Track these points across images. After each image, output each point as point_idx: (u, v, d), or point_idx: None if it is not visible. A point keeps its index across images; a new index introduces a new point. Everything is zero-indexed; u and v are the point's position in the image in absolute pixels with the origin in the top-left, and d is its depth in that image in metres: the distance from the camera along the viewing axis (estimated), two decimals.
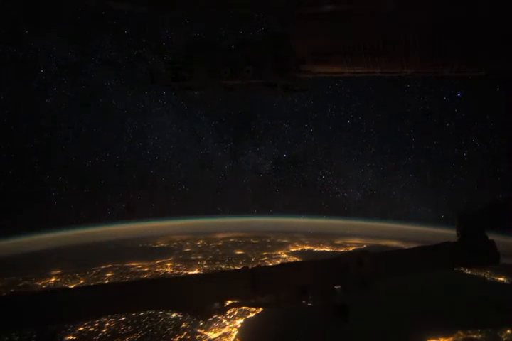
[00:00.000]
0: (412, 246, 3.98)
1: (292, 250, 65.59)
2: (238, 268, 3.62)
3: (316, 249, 67.41)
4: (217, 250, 66.26)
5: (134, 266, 54.03)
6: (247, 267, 3.54)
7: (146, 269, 51.90)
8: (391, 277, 3.70)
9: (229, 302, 3.47)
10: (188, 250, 67.11)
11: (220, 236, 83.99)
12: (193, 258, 60.04)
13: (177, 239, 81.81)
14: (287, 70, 3.96)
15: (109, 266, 54.51)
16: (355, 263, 3.47)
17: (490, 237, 3.73)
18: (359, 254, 3.52)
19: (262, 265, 3.65)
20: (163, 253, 63.29)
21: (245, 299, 3.47)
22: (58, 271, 52.12)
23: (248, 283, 3.41)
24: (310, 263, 3.57)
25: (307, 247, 68.24)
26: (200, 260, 57.64)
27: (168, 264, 55.48)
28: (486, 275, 53.16)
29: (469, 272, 50.75)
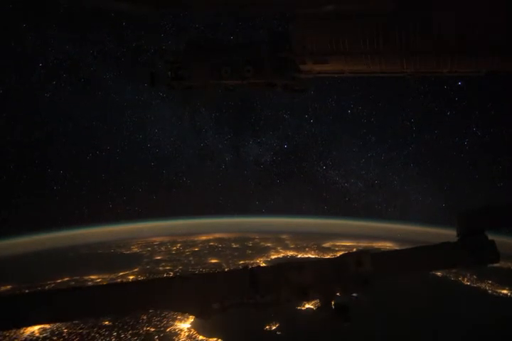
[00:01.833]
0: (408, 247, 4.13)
1: (273, 257, 64.22)
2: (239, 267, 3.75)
3: (299, 256, 65.86)
4: (191, 258, 64.67)
5: (92, 280, 52.07)
6: (247, 267, 3.68)
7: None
8: (391, 277, 3.86)
9: (229, 302, 3.59)
10: (158, 258, 65.33)
11: (203, 238, 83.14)
12: (160, 269, 58.23)
13: (156, 241, 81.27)
14: (287, 70, 4.14)
15: (66, 279, 52.45)
16: (355, 263, 3.61)
17: (490, 237, 3.88)
18: (359, 254, 3.67)
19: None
20: (130, 261, 61.62)
21: (245, 299, 3.60)
22: (8, 287, 49.38)
23: (248, 283, 3.54)
24: (310, 263, 3.72)
25: (290, 253, 66.84)
26: (168, 271, 55.69)
27: (131, 277, 53.33)
28: (488, 286, 49.81)
29: (468, 283, 49.54)
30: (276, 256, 64.72)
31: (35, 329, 37.30)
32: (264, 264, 56.24)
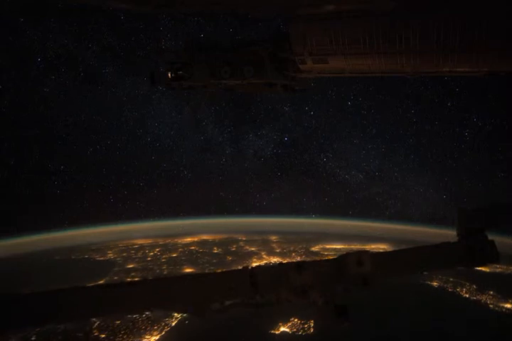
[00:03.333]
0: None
1: (254, 265, 62.18)
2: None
3: (284, 262, 63.98)
4: (164, 266, 61.33)
5: None
6: (247, 267, 3.71)
7: None
8: (391, 277, 3.90)
9: (229, 302, 3.63)
10: (130, 266, 61.87)
11: (187, 239, 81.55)
12: (128, 280, 55.36)
13: (137, 245, 79.23)
14: (287, 70, 4.19)
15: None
16: (355, 263, 3.64)
17: (490, 237, 3.92)
18: (359, 254, 3.70)
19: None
20: (100, 271, 58.15)
21: (245, 299, 3.63)
22: None
23: (248, 283, 3.58)
24: (310, 263, 3.76)
25: (274, 260, 64.94)
26: None
27: None
28: (489, 299, 44.70)
29: (467, 295, 46.01)
30: (258, 263, 62.43)
31: None
32: None
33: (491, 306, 43.00)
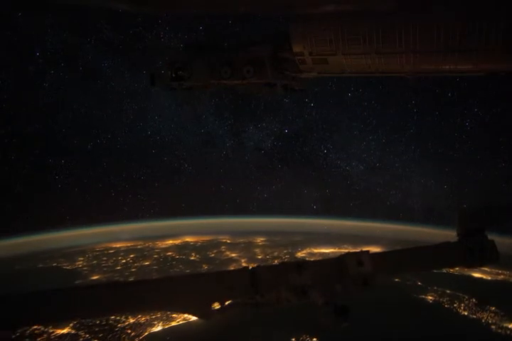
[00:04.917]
0: None
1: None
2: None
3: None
4: (132, 278, 55.40)
5: None
6: (247, 267, 3.73)
7: None
8: (391, 277, 3.92)
9: (229, 302, 3.64)
10: (95, 278, 57.61)
11: (168, 242, 79.79)
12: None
13: (113, 249, 75.77)
14: (287, 70, 4.21)
15: None
16: (355, 263, 3.66)
17: (490, 237, 3.94)
18: (359, 254, 3.72)
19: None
20: (59, 284, 51.27)
21: (245, 299, 3.65)
22: None
23: (248, 283, 3.60)
24: (310, 262, 3.79)
25: None
26: None
27: None
28: (490, 318, 39.63)
29: (465, 313, 41.31)
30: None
31: None
32: None
33: (492, 327, 38.47)
